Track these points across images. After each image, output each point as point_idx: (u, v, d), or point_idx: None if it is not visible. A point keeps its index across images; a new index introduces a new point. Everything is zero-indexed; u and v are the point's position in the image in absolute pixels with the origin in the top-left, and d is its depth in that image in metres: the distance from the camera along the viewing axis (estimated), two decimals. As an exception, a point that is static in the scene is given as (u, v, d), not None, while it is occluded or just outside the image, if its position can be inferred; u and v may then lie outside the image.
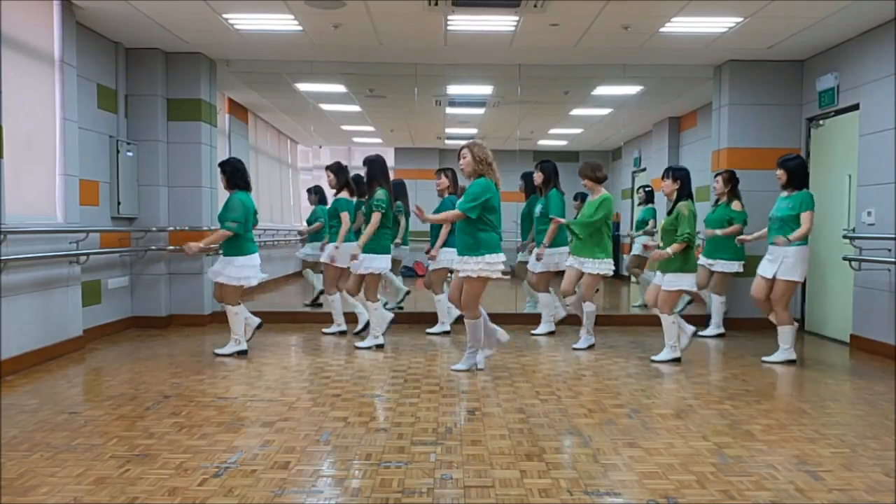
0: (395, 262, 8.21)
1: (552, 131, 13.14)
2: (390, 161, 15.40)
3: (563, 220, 6.70)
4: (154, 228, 7.68)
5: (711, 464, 3.50)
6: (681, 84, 9.30)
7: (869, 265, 6.45)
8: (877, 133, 6.58)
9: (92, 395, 4.89)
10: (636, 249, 9.32)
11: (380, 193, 6.37)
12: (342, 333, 7.33)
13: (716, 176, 7.45)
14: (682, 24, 6.69)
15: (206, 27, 6.92)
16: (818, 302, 7.71)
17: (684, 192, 5.97)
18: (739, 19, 6.52)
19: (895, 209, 6.25)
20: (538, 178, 7.23)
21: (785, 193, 5.98)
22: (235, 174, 6.07)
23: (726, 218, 7.16)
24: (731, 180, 7.25)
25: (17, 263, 5.39)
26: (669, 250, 5.80)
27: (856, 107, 6.96)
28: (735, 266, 7.21)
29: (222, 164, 6.19)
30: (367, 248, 6.37)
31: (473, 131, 13.47)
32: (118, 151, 7.32)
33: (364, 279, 6.53)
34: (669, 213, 5.99)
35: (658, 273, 6.05)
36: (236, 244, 5.94)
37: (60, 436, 3.85)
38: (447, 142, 14.93)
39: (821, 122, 7.72)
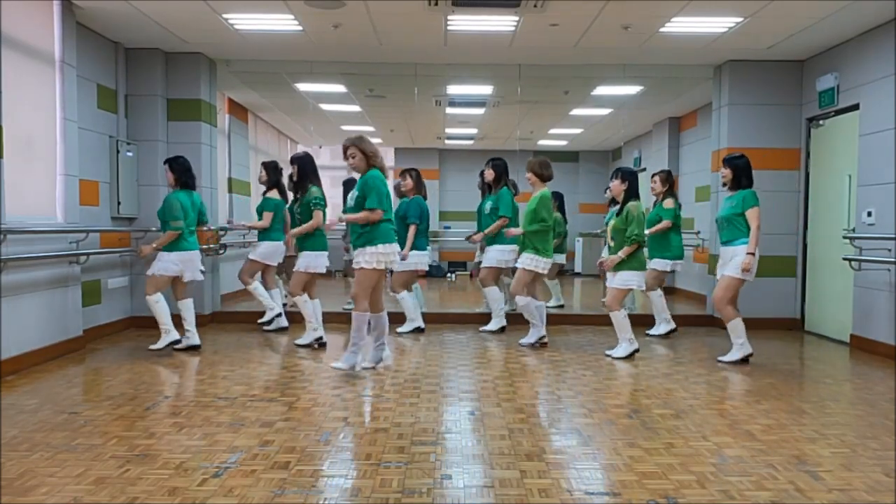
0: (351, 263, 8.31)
1: (552, 131, 13.15)
2: (390, 161, 15.44)
3: (517, 231, 6.64)
4: (154, 228, 7.64)
5: (711, 464, 3.50)
6: (681, 84, 9.30)
7: (869, 265, 6.45)
8: (877, 133, 6.58)
9: (92, 395, 4.88)
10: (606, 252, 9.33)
11: (315, 191, 6.27)
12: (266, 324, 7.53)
13: (652, 176, 7.44)
14: (682, 24, 6.69)
15: (206, 27, 6.92)
16: (818, 302, 7.72)
17: (632, 193, 6.12)
18: (739, 19, 6.52)
19: (895, 209, 6.25)
20: (489, 175, 7.30)
21: (729, 193, 5.95)
22: (185, 173, 6.17)
23: (657, 218, 7.20)
24: (668, 180, 7.30)
25: (17, 263, 5.39)
26: (622, 253, 5.98)
27: (856, 107, 6.96)
28: (669, 265, 7.19)
29: (171, 161, 6.20)
30: (306, 247, 6.32)
31: (473, 131, 13.48)
32: (118, 151, 7.32)
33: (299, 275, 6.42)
34: (619, 213, 6.14)
35: (610, 274, 6.21)
36: (173, 240, 6.08)
37: (60, 436, 3.85)
38: (447, 142, 14.95)
39: (821, 122, 7.72)
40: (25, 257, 5.46)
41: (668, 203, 7.19)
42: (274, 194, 7.30)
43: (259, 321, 7.61)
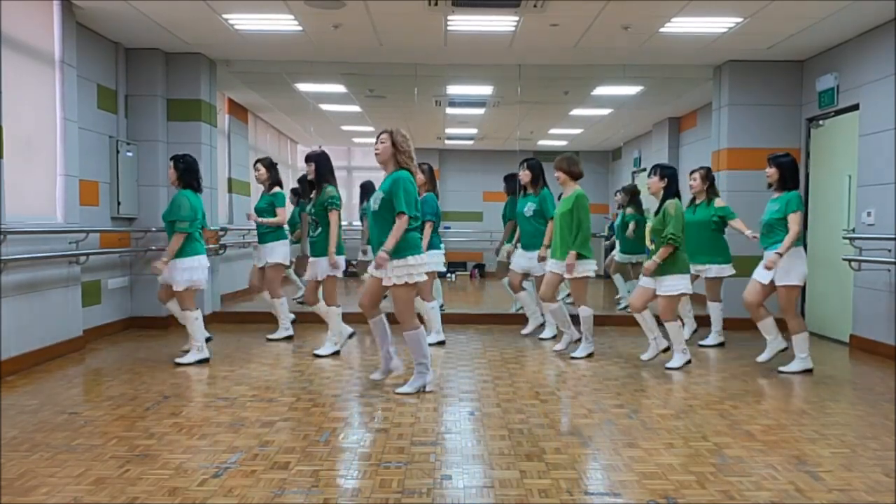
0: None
1: (552, 131, 13.15)
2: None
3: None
4: (154, 228, 7.67)
5: (711, 464, 3.50)
6: (681, 84, 9.30)
7: (869, 265, 6.45)
8: (877, 133, 6.58)
9: (92, 395, 4.88)
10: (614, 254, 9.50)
11: (331, 190, 5.89)
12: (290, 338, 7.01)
13: (691, 173, 6.76)
14: (681, 25, 6.69)
15: (206, 27, 6.92)
16: (818, 302, 7.71)
17: (671, 191, 5.70)
18: (739, 19, 6.52)
19: (895, 209, 6.25)
20: (525, 176, 6.78)
21: (775, 195, 5.64)
22: (188, 172, 5.76)
23: (713, 217, 6.54)
24: (709, 177, 6.67)
25: (17, 263, 5.39)
26: (656, 258, 5.56)
27: (855, 107, 6.96)
28: (727, 270, 6.66)
29: (176, 159, 5.81)
30: (318, 252, 5.95)
31: (473, 131, 13.48)
32: (118, 151, 7.33)
33: (321, 284, 6.04)
34: (657, 212, 5.73)
35: (642, 277, 5.82)
36: (182, 245, 5.63)
37: (60, 436, 3.85)
38: (447, 142, 14.95)
39: (821, 122, 7.72)
40: (25, 257, 5.46)
41: (721, 202, 6.60)
42: (277, 191, 7.00)
43: (268, 336, 7.03)
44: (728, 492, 3.14)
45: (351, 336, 6.44)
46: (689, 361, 5.81)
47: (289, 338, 6.99)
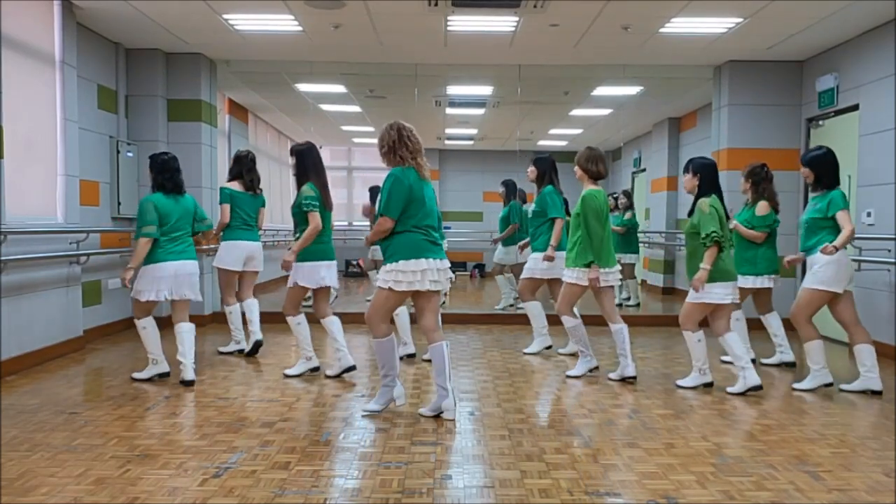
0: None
1: (552, 132, 13.16)
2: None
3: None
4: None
5: (711, 464, 3.50)
6: (681, 84, 9.31)
7: (869, 265, 6.45)
8: (877, 133, 6.59)
9: (92, 395, 4.88)
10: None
11: (307, 189, 5.18)
12: (241, 352, 6.31)
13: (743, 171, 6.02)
14: (681, 25, 6.70)
15: (207, 27, 6.93)
16: (818, 302, 7.70)
17: (708, 188, 4.96)
18: (739, 20, 6.52)
19: (895, 209, 6.26)
20: (531, 174, 6.34)
21: (815, 193, 5.13)
22: (162, 173, 5.15)
23: (748, 224, 5.76)
24: (752, 175, 5.78)
25: (18, 264, 5.39)
26: (704, 265, 4.77)
27: (855, 107, 6.96)
28: (750, 281, 5.76)
29: (151, 159, 5.26)
30: (301, 257, 5.20)
31: (473, 132, 13.49)
32: (118, 152, 7.33)
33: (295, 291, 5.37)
34: (690, 213, 5.02)
35: (691, 292, 5.00)
36: (150, 251, 5.03)
37: (61, 436, 3.85)
38: (447, 142, 14.95)
39: (820, 122, 7.73)
40: (26, 258, 5.46)
41: (763, 208, 5.69)
42: (234, 185, 6.11)
43: (220, 349, 6.42)
44: (728, 492, 3.14)
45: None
46: (709, 384, 5.11)
47: (240, 351, 6.30)
